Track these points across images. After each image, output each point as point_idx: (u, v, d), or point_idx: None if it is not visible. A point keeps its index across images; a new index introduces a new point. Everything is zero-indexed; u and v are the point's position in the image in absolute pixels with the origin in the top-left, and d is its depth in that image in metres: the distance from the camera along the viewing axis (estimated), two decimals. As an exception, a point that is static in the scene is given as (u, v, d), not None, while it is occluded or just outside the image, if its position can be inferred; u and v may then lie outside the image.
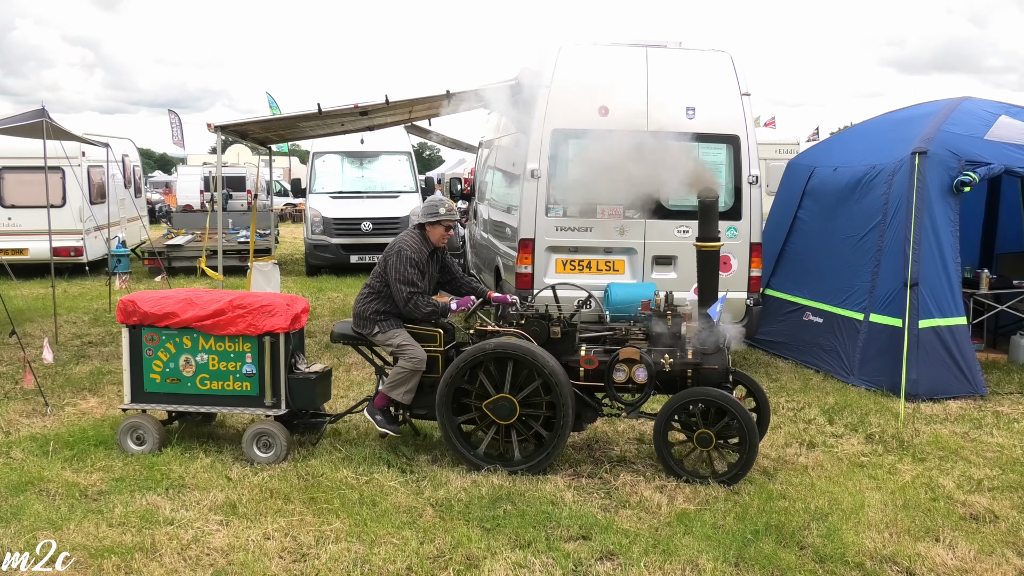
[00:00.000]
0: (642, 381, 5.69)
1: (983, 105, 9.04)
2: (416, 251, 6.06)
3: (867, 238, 8.35)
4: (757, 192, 8.39)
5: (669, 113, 8.22)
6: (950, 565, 4.43)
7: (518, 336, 5.84)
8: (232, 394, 6.02)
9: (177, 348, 5.99)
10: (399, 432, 6.20)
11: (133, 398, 6.08)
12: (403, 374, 5.93)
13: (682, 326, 5.82)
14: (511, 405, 5.65)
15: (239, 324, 5.90)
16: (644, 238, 8.25)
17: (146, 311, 5.95)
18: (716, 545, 4.62)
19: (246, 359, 5.96)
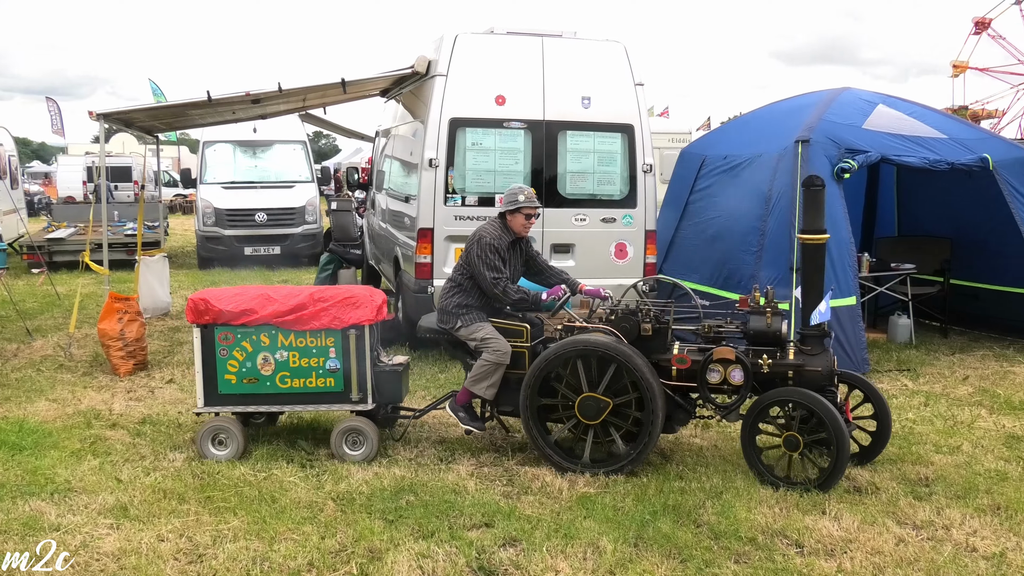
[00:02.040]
0: (738, 382, 5.40)
1: (862, 95, 9.45)
2: (496, 238, 5.90)
3: (753, 224, 8.62)
4: (651, 180, 8.57)
5: (565, 102, 8.32)
6: (836, 536, 4.64)
7: (606, 333, 5.64)
8: (315, 391, 5.81)
9: (254, 346, 5.74)
10: (483, 429, 6.03)
11: (207, 401, 5.81)
12: (486, 367, 5.76)
13: (783, 324, 5.46)
14: (597, 404, 5.47)
15: (323, 318, 5.71)
16: (542, 227, 8.31)
17: (220, 309, 5.69)
18: (616, 527, 4.71)
19: (329, 354, 5.77)
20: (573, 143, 8.38)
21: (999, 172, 8.69)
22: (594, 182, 8.46)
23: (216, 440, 5.75)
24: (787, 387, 5.34)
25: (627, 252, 8.49)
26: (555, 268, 6.41)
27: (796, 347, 5.44)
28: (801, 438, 5.21)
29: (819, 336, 5.41)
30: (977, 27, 43.18)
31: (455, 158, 8.13)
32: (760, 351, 5.45)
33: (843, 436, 5.06)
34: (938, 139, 8.89)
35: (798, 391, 5.25)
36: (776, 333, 5.43)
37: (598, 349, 5.44)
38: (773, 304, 5.48)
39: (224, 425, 5.75)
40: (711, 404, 5.55)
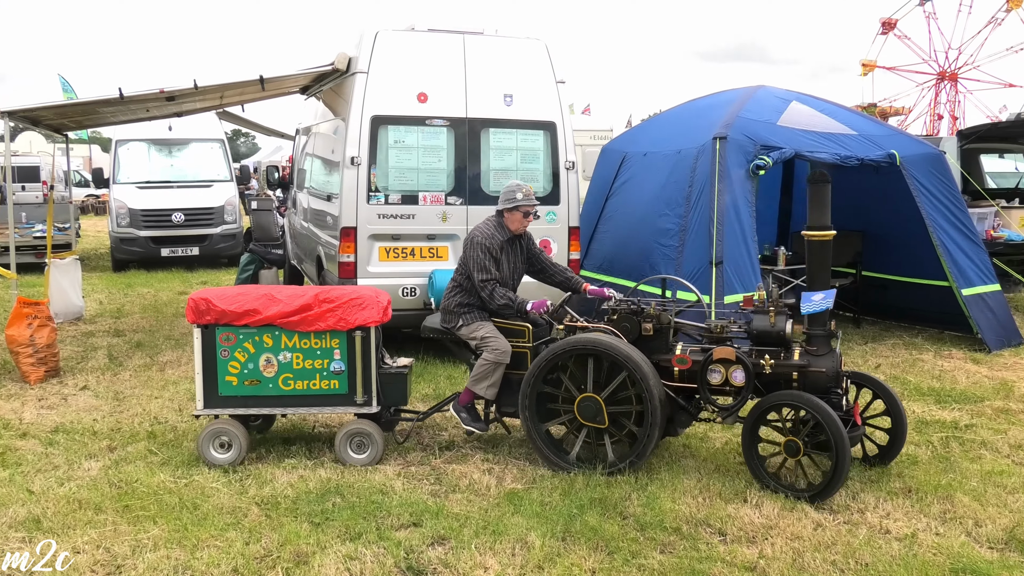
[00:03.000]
0: (739, 383, 5.25)
1: (776, 93, 9.70)
2: (488, 238, 5.86)
3: (673, 219, 8.76)
4: (574, 177, 8.64)
5: (487, 100, 8.33)
6: (757, 523, 4.75)
7: (607, 332, 5.55)
8: (319, 393, 5.69)
9: (257, 347, 5.60)
10: (486, 430, 5.98)
11: (206, 403, 5.65)
12: (486, 367, 5.72)
13: (787, 324, 5.31)
14: (596, 405, 5.40)
15: (328, 319, 5.59)
16: (467, 224, 8.31)
17: (223, 309, 5.53)
18: (544, 522, 4.74)
19: (334, 355, 5.65)
20: (496, 140, 8.39)
21: (906, 168, 9.02)
22: (517, 179, 8.48)
23: (218, 443, 5.62)
24: (787, 390, 5.19)
25: (551, 248, 8.55)
26: (559, 266, 6.33)
27: (802, 348, 5.31)
28: (801, 443, 5.05)
29: (825, 336, 5.28)
30: (884, 27, 44.67)
31: (377, 156, 8.07)
32: (764, 351, 5.31)
33: (843, 441, 4.84)
34: (849, 135, 9.19)
35: (796, 394, 5.08)
36: (780, 333, 5.28)
37: (596, 349, 5.35)
38: (778, 303, 5.36)
39: (226, 428, 5.61)
40: (711, 405, 5.41)
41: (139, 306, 11.62)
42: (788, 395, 5.11)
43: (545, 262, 6.24)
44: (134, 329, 9.93)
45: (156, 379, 7.78)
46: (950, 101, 45.72)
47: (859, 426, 5.32)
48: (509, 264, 6.00)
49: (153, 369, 8.11)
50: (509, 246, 6.01)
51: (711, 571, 4.23)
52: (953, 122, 43.05)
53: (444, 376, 7.82)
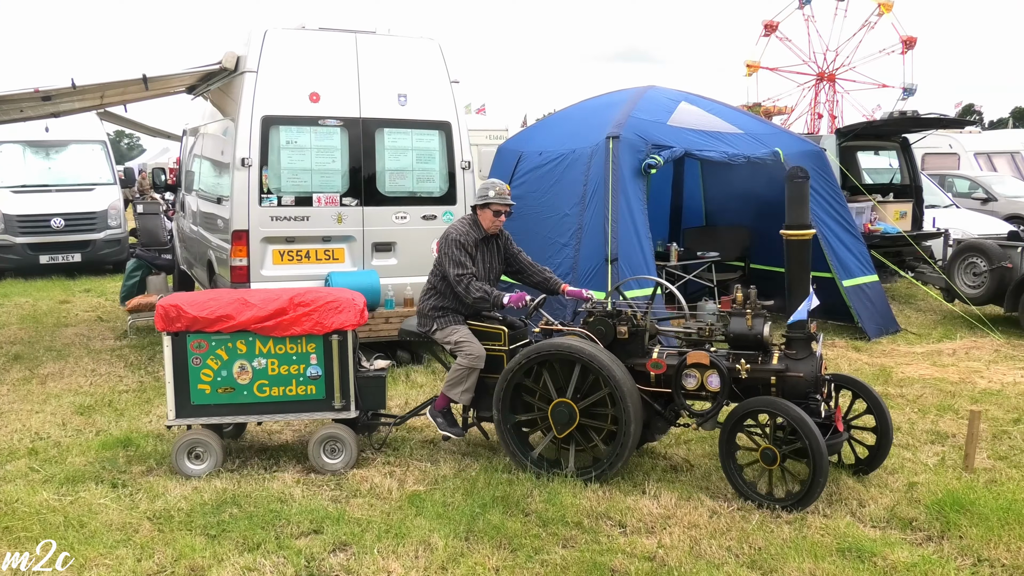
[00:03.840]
0: (715, 388, 5.12)
1: (666, 93, 9.94)
2: (463, 234, 5.73)
3: (569, 217, 8.88)
4: (471, 177, 8.65)
5: (381, 100, 8.26)
6: (655, 513, 4.86)
7: (582, 336, 5.41)
8: (295, 399, 5.55)
9: (230, 354, 5.41)
10: (463, 435, 5.86)
11: (178, 413, 5.45)
12: (460, 372, 5.63)
13: (765, 327, 5.16)
14: (571, 412, 5.26)
15: (304, 323, 5.43)
16: (362, 225, 8.22)
17: (194, 316, 5.34)
18: (447, 522, 4.73)
19: (310, 360, 5.50)
20: (391, 141, 8.32)
21: (789, 164, 9.36)
22: (413, 179, 8.44)
23: (192, 454, 5.46)
24: (763, 396, 5.04)
25: (449, 249, 8.51)
26: (537, 266, 6.17)
27: (781, 351, 5.18)
28: (778, 451, 4.88)
29: (805, 339, 5.10)
30: (766, 29, 46.32)
31: (269, 157, 7.89)
32: (740, 355, 5.15)
33: (819, 449, 4.68)
34: (735, 134, 9.49)
35: (772, 400, 4.94)
36: (757, 336, 5.12)
37: (567, 353, 5.22)
38: (755, 305, 5.21)
39: (200, 438, 5.46)
40: (686, 411, 5.29)
41: (16, 317, 11.05)
42: (763, 401, 4.96)
43: (523, 262, 6.10)
44: (11, 341, 9.45)
45: (37, 393, 7.42)
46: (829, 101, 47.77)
47: (841, 432, 5.14)
48: (485, 263, 5.89)
49: (33, 383, 7.73)
50: (484, 245, 5.89)
51: (612, 563, 4.30)
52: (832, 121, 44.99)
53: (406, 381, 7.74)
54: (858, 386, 5.46)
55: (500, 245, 6.04)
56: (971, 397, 7.25)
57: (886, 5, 44.32)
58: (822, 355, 5.16)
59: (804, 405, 4.94)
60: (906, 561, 4.24)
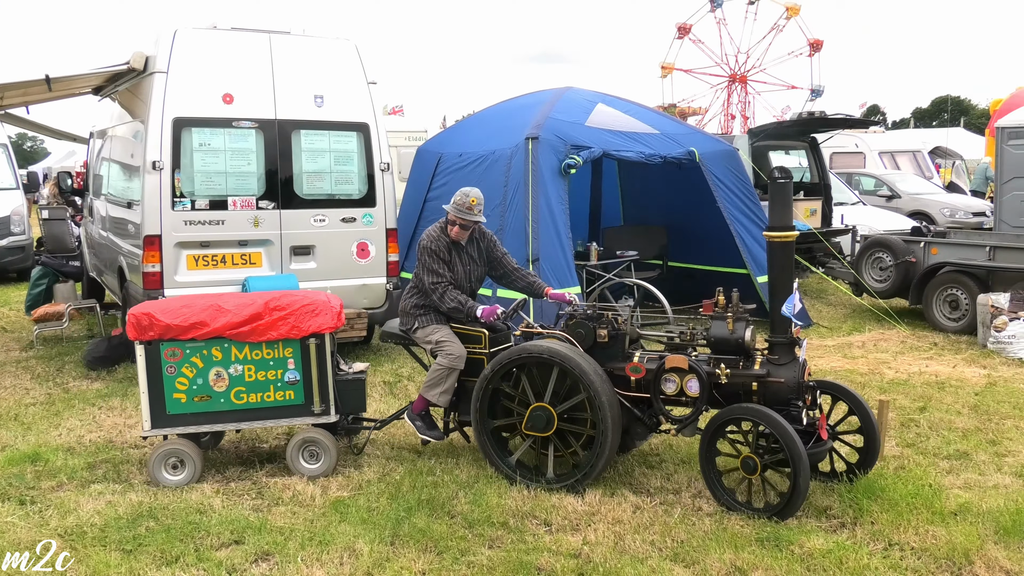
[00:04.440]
0: (694, 394, 4.97)
1: (584, 94, 10.05)
2: (434, 240, 5.65)
3: (490, 218, 8.86)
4: (390, 179, 8.58)
5: (297, 101, 8.13)
6: (580, 511, 4.90)
7: (561, 339, 5.29)
8: (274, 405, 5.44)
9: (205, 362, 5.29)
10: (442, 438, 5.76)
11: (154, 423, 5.32)
12: (439, 372, 5.52)
13: (746, 331, 4.99)
14: (548, 415, 5.14)
15: (280, 328, 5.32)
16: (280, 228, 8.08)
17: (167, 323, 5.20)
18: (372, 527, 4.69)
19: (288, 365, 5.40)
20: (308, 142, 8.20)
21: (704, 164, 9.58)
22: (332, 182, 8.34)
23: (170, 465, 5.33)
24: (743, 403, 4.89)
25: (369, 251, 8.46)
26: (522, 270, 6.05)
27: (763, 356, 5.01)
28: (759, 460, 4.75)
29: (787, 344, 4.95)
30: (680, 32, 47.23)
31: (181, 160, 7.69)
32: (721, 360, 5.02)
33: (799, 457, 4.53)
34: (652, 135, 9.65)
35: (752, 408, 4.79)
36: (739, 341, 4.97)
37: (545, 357, 5.10)
38: (737, 309, 5.06)
39: (178, 448, 5.33)
40: (665, 417, 5.16)
41: (-87, 329, 10.52)
42: (740, 408, 4.82)
43: (508, 266, 5.96)
44: (-92, 354, 9.00)
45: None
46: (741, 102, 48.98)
47: (823, 441, 4.96)
48: (463, 267, 5.77)
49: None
50: (463, 248, 5.79)
51: (538, 561, 4.32)
52: (744, 121, 46.14)
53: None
54: (842, 391, 5.27)
55: (483, 248, 5.91)
56: (879, 387, 7.52)
57: (793, 9, 45.67)
58: (805, 360, 5.02)
59: (785, 412, 4.80)
60: (822, 548, 4.37)
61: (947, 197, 18.99)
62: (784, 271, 4.98)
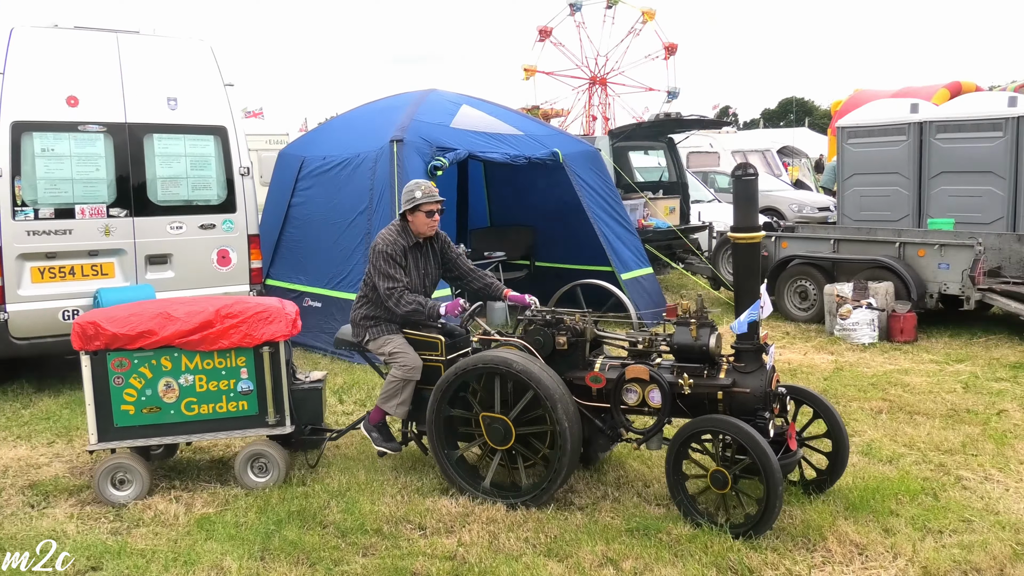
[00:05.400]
0: (657, 405, 4.71)
1: (447, 96, 10.04)
2: (390, 244, 5.34)
3: (356, 222, 8.79)
4: (250, 183, 8.34)
5: (149, 104, 7.79)
6: (454, 513, 4.89)
7: (519, 347, 5.02)
8: (226, 416, 5.22)
9: (154, 372, 5.09)
10: (399, 450, 5.51)
11: (101, 436, 5.09)
12: (394, 384, 5.27)
13: (711, 338, 4.71)
14: (505, 426, 4.86)
15: (232, 336, 5.11)
16: (134, 237, 7.72)
17: (113, 332, 4.99)
18: (240, 543, 4.53)
19: (241, 375, 5.18)
20: (162, 147, 7.87)
21: (568, 164, 9.75)
22: (189, 187, 8.02)
23: (116, 480, 5.11)
24: (709, 415, 4.62)
25: (230, 258, 8.19)
26: (478, 271, 5.80)
27: (729, 364, 4.76)
28: (729, 474, 4.47)
29: (754, 351, 4.67)
30: (541, 35, 47.93)
31: (22, 166, 7.24)
32: (685, 368, 4.74)
33: (772, 470, 4.26)
34: (516, 136, 9.75)
35: (718, 419, 4.51)
36: (703, 348, 4.70)
37: (498, 368, 4.84)
38: (703, 314, 4.80)
39: (124, 463, 5.11)
40: (626, 428, 4.91)
41: None
42: (710, 421, 4.53)
43: (463, 267, 5.74)
44: None
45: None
46: (601, 103, 50.12)
47: (793, 451, 4.73)
48: (419, 270, 5.53)
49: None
50: (417, 251, 5.53)
51: (413, 566, 4.29)
52: (605, 122, 47.24)
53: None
54: (808, 397, 5.03)
55: (436, 249, 5.68)
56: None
57: (649, 13, 47.08)
58: (773, 367, 4.77)
59: (751, 422, 4.55)
60: (688, 534, 4.51)
61: (795, 193, 20.04)
62: (750, 274, 4.69)
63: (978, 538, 4.43)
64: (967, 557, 4.22)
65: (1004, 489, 5.12)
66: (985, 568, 4.13)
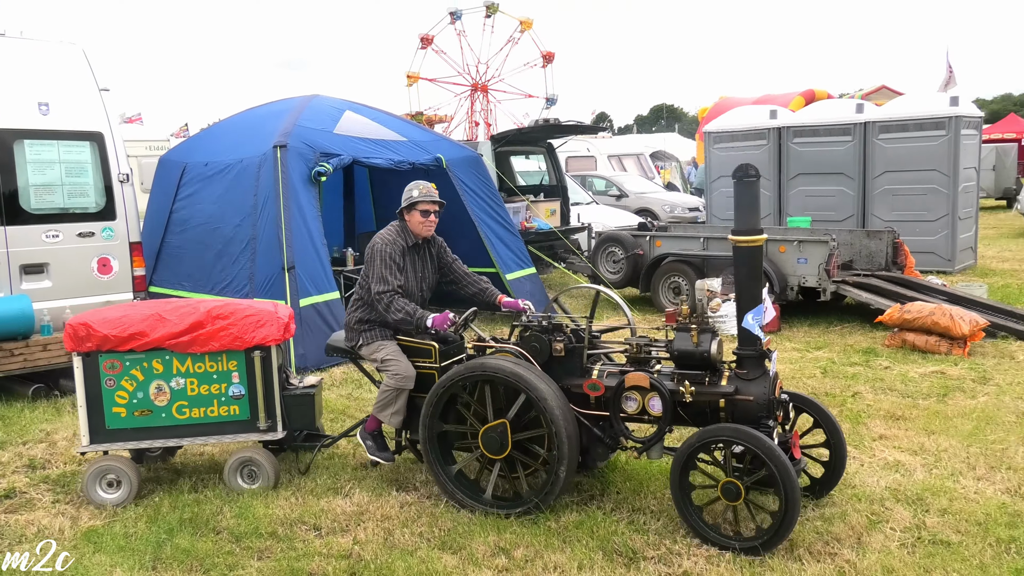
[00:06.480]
0: (657, 413, 4.46)
1: (330, 102, 9.93)
2: (389, 243, 5.14)
3: (241, 227, 8.59)
4: (130, 190, 8.04)
5: (18, 109, 7.40)
6: (349, 512, 4.86)
7: (515, 354, 4.79)
8: (217, 420, 5.11)
9: (146, 374, 4.99)
10: (392, 460, 5.28)
11: (92, 439, 5.01)
12: (388, 393, 5.05)
13: (712, 344, 4.46)
14: (501, 435, 4.63)
15: (223, 338, 4.98)
16: (7, 246, 7.32)
17: (105, 334, 4.91)
18: (131, 554, 4.38)
19: (232, 379, 5.06)
20: (34, 153, 7.49)
21: (451, 169, 9.79)
22: (64, 195, 7.66)
23: (105, 482, 5.01)
24: (720, 424, 4.34)
25: (112, 266, 7.87)
26: (473, 276, 5.54)
27: (731, 371, 4.52)
28: (742, 485, 4.17)
29: (756, 357, 4.44)
30: (423, 43, 47.69)
31: None
32: (687, 376, 4.51)
33: (792, 483, 4.02)
34: (400, 142, 9.73)
35: (733, 428, 4.19)
36: (704, 354, 4.45)
37: (495, 375, 4.61)
38: (703, 320, 4.57)
39: (114, 465, 5.02)
40: (627, 437, 4.62)
41: None
42: (721, 430, 4.21)
43: (458, 272, 5.54)
44: None
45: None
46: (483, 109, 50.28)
47: (797, 460, 4.51)
48: (416, 273, 5.31)
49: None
50: (415, 253, 5.32)
51: (309, 567, 4.24)
52: (487, 128, 47.45)
53: None
54: (808, 404, 4.83)
55: (433, 253, 5.49)
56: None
57: (526, 22, 47.54)
58: (776, 374, 4.53)
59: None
60: (575, 520, 4.62)
61: (667, 195, 20.69)
62: (752, 279, 4.43)
63: (837, 511, 4.71)
64: (828, 528, 4.48)
65: (860, 464, 5.46)
66: (844, 538, 4.40)
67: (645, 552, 4.30)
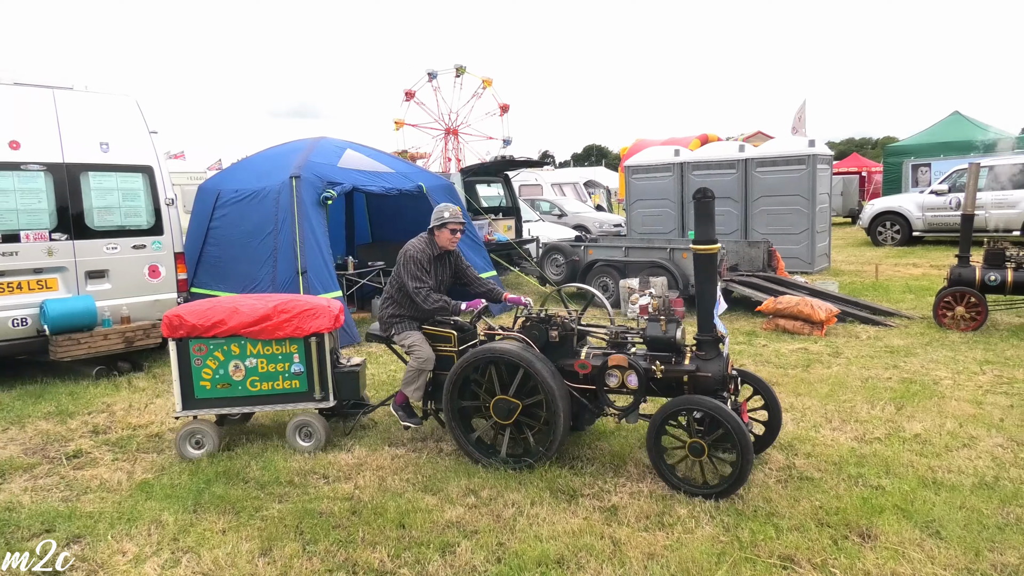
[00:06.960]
0: (634, 387, 4.46)
1: (334, 142, 9.77)
2: (420, 251, 5.02)
3: (265, 241, 8.42)
4: (175, 212, 7.83)
5: (84, 147, 7.17)
6: (351, 463, 4.78)
7: (518, 340, 4.70)
8: (282, 392, 5.05)
9: (226, 355, 4.96)
10: (420, 424, 5.21)
11: (184, 405, 4.99)
12: (411, 373, 4.99)
13: (677, 331, 4.45)
14: (508, 406, 4.59)
15: (286, 328, 4.93)
16: (74, 256, 7.08)
17: (193, 324, 4.89)
18: (175, 501, 4.26)
19: (294, 359, 5.01)
20: (96, 182, 7.25)
21: (430, 194, 9.70)
22: (121, 215, 7.44)
23: (193, 441, 4.96)
24: (685, 395, 4.31)
25: (160, 272, 7.66)
26: (482, 279, 5.40)
27: (692, 352, 4.48)
28: (705, 444, 4.18)
29: (713, 341, 4.40)
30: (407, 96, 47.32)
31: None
32: (656, 357, 4.50)
33: (745, 439, 4.02)
34: (390, 173, 9.60)
35: (696, 399, 4.18)
36: (671, 340, 4.46)
37: (504, 356, 4.56)
38: (669, 312, 4.58)
39: (200, 427, 4.98)
40: (610, 407, 4.63)
41: None
42: (691, 400, 4.20)
43: (471, 276, 5.38)
44: None
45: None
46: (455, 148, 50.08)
47: (747, 423, 4.54)
48: (437, 277, 5.18)
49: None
50: (438, 262, 5.19)
51: (319, 507, 4.16)
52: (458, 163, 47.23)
53: (65, 393, 6.59)
54: (751, 378, 4.81)
55: (451, 261, 5.35)
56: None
57: (487, 81, 47.41)
58: (728, 354, 4.57)
59: None
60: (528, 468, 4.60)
61: (597, 215, 20.74)
62: (709, 281, 4.35)
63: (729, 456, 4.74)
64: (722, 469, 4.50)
65: (744, 419, 5.50)
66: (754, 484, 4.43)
67: (583, 491, 4.29)
